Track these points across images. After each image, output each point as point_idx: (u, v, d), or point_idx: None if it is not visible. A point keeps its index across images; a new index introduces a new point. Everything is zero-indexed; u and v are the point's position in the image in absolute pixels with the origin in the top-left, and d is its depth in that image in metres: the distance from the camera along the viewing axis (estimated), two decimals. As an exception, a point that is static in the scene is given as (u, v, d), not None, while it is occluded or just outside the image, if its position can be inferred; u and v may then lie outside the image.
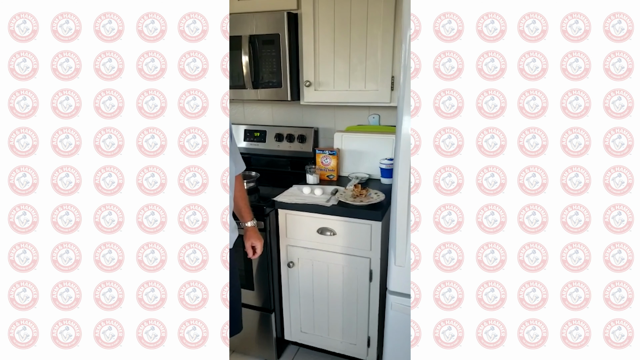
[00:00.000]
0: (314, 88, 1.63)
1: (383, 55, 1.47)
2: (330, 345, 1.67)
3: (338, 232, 1.46)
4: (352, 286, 1.52)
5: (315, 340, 1.69)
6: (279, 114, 2.05)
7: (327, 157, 1.78)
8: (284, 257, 1.59)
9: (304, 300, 1.63)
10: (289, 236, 1.56)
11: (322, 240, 1.50)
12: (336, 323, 1.62)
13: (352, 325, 1.59)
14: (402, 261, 1.11)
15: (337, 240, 1.48)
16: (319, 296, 1.60)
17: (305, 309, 1.65)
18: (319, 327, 1.66)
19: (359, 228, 1.43)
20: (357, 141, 1.80)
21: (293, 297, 1.65)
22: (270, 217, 1.51)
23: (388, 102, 1.52)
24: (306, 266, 1.57)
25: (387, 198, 1.43)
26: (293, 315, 1.68)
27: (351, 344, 1.62)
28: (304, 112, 1.97)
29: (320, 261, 1.54)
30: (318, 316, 1.64)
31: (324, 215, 1.46)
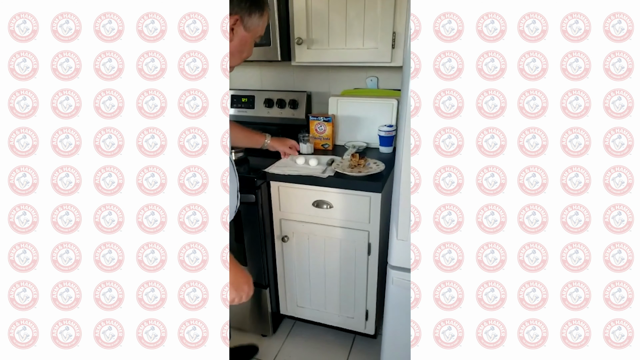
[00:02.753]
0: (307, 46, 1.47)
1: (384, 9, 1.33)
2: (327, 319, 1.64)
3: (335, 204, 1.38)
4: (350, 260, 1.47)
5: (312, 314, 1.65)
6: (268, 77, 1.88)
7: (322, 124, 1.64)
8: (278, 232, 1.52)
9: (300, 274, 1.58)
10: (283, 209, 1.47)
11: (318, 213, 1.42)
12: (333, 297, 1.58)
13: (350, 299, 1.55)
14: (404, 235, 1.07)
15: (335, 214, 1.40)
16: (316, 270, 1.55)
17: (301, 283, 1.60)
18: (316, 302, 1.62)
19: (357, 200, 1.34)
20: (353, 106, 1.64)
21: (288, 272, 1.60)
22: (261, 190, 1.41)
23: (389, 61, 1.39)
24: (302, 240, 1.50)
25: (387, 168, 1.37)
26: (288, 290, 1.64)
27: (349, 317, 1.59)
28: (296, 75, 1.82)
29: (317, 235, 1.47)
30: (314, 290, 1.60)
31: (320, 188, 1.37)
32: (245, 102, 1.84)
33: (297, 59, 1.51)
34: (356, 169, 1.37)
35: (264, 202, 1.45)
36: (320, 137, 1.66)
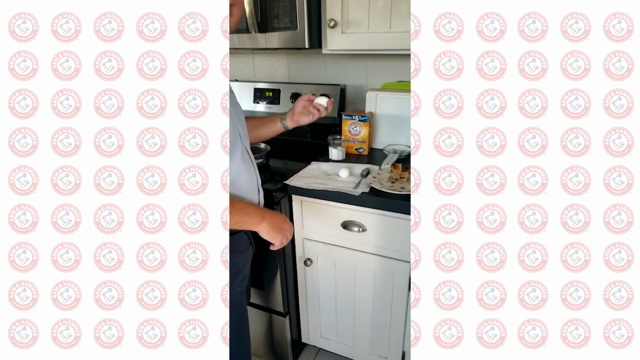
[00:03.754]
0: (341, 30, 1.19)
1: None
2: (355, 354, 1.43)
3: (369, 227, 1.15)
4: (386, 294, 1.24)
5: (338, 347, 1.45)
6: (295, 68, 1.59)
7: (357, 124, 1.37)
8: (300, 253, 1.31)
9: (325, 303, 1.38)
10: (306, 228, 1.26)
11: (348, 236, 1.19)
12: (364, 332, 1.37)
13: (384, 337, 1.33)
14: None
15: (368, 238, 1.16)
16: (343, 300, 1.34)
17: (326, 313, 1.41)
18: (343, 334, 1.42)
19: (398, 224, 1.09)
20: (396, 102, 1.37)
21: (311, 299, 1.40)
22: (282, 205, 1.22)
23: None
24: (327, 266, 1.29)
25: None
26: (311, 319, 1.44)
27: (381, 357, 1.38)
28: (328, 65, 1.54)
29: (345, 261, 1.25)
30: (342, 323, 1.39)
31: (351, 206, 1.14)
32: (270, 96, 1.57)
33: (330, 45, 1.24)
34: (397, 183, 1.12)
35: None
36: (354, 140, 1.41)
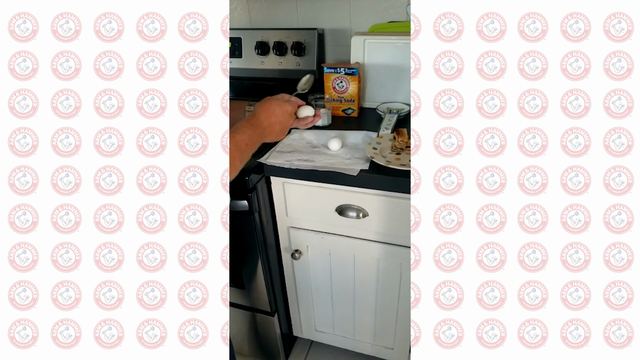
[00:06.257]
0: None
1: None
2: (356, 346, 1.33)
3: (371, 211, 0.95)
4: (392, 283, 1.10)
5: (336, 340, 1.35)
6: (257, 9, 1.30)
7: (342, 78, 1.08)
8: (286, 244, 1.14)
9: (319, 296, 1.25)
10: (292, 215, 1.05)
11: (346, 222, 0.99)
12: (365, 323, 1.25)
13: (389, 328, 1.22)
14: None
15: (370, 224, 0.97)
16: (341, 292, 1.20)
17: (321, 306, 1.28)
18: (341, 327, 1.31)
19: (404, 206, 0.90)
20: (389, 50, 1.11)
21: (302, 292, 1.25)
22: (258, 190, 0.96)
23: None
24: (320, 256, 1.12)
25: None
26: (304, 314, 1.33)
27: (386, 348, 1.28)
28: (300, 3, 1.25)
29: (342, 250, 1.08)
30: (339, 315, 1.28)
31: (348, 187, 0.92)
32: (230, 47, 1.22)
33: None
34: (404, 155, 0.88)
35: (263, 205, 1.04)
36: (341, 99, 1.12)
